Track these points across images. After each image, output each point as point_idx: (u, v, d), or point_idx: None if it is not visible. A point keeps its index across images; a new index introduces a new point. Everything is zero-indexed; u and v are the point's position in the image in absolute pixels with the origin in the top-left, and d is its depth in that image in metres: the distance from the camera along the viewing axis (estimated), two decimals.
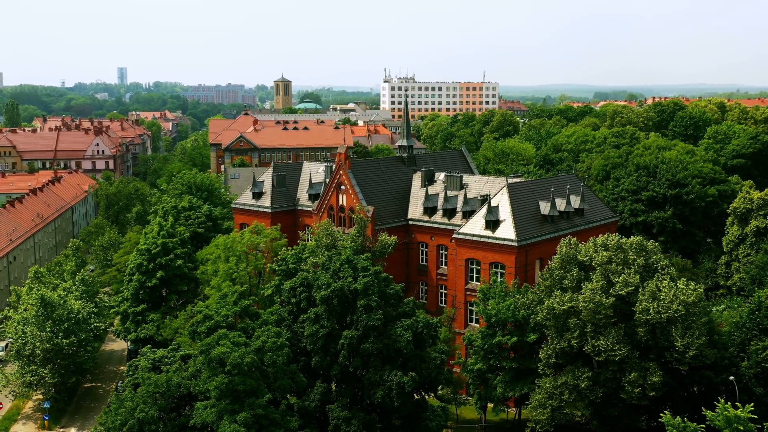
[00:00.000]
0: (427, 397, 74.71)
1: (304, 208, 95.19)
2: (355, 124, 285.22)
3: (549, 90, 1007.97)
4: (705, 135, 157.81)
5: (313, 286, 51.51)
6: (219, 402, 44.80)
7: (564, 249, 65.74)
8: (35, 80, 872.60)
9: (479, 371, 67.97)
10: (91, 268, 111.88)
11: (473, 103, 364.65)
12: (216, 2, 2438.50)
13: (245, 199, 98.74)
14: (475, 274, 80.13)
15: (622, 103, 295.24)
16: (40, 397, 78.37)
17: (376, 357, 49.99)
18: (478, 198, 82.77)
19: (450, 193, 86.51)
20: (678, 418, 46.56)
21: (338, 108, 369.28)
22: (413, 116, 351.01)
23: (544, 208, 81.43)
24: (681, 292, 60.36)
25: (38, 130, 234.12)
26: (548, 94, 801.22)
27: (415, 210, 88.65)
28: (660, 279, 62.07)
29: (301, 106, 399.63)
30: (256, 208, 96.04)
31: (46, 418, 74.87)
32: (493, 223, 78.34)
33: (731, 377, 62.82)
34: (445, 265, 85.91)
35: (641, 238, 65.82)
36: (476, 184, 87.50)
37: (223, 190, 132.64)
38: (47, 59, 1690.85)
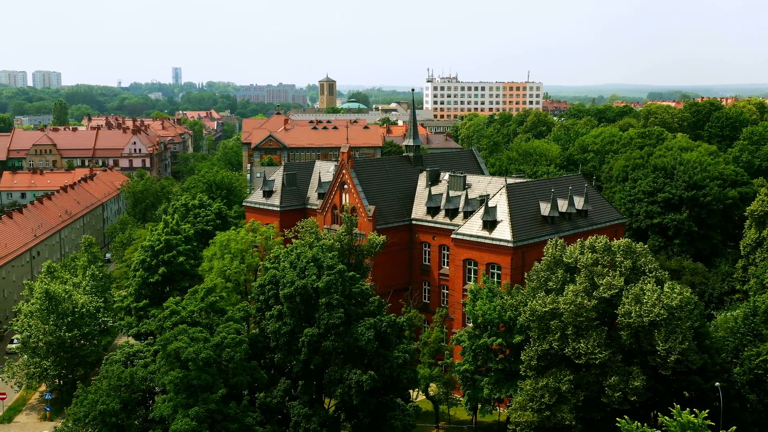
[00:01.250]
0: (420, 396, 75.17)
1: (313, 207, 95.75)
2: (395, 123, 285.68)
3: (603, 90, 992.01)
4: (740, 136, 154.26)
5: (280, 283, 52.09)
6: (176, 396, 45.64)
7: (550, 250, 65.15)
8: (94, 80, 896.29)
9: (467, 372, 67.93)
10: (111, 264, 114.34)
11: (516, 103, 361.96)
12: (272, 4, 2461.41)
13: (256, 197, 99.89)
14: (472, 275, 79.78)
15: (668, 103, 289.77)
16: (43, 388, 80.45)
17: (337, 355, 50.31)
18: (478, 198, 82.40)
19: (452, 193, 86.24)
20: (636, 423, 45.92)
21: (380, 108, 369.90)
22: (454, 116, 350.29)
23: (545, 209, 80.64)
24: (665, 296, 59.38)
25: (85, 128, 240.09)
26: (601, 94, 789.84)
27: (419, 210, 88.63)
28: (645, 282, 61.10)
29: (345, 105, 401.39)
30: (265, 207, 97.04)
31: (48, 409, 76.93)
32: (490, 224, 77.93)
33: (717, 383, 61.52)
34: (447, 265, 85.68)
35: (629, 240, 64.91)
36: (479, 185, 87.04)
37: (248, 188, 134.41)
38: (106, 60, 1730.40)
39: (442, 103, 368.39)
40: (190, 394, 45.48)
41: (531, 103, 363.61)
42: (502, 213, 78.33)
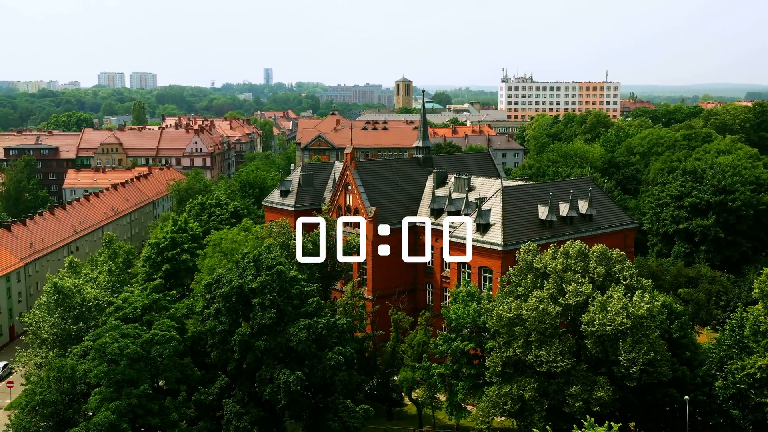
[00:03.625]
0: (409, 398, 74.91)
1: None
2: (462, 124, 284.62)
3: (699, 90, 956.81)
4: None
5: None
6: (105, 390, 47.08)
7: (522, 255, 63.93)
8: (188, 81, 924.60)
9: (441, 376, 67.48)
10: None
11: (593, 104, 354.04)
12: (366, 5, 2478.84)
13: (273, 197, 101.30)
14: (467, 278, 78.96)
15: (745, 103, 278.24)
16: None
17: (269, 355, 50.81)
18: (474, 201, 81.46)
19: (455, 195, 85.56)
20: None
21: (452, 108, 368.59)
22: (529, 117, 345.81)
23: (543, 212, 79.05)
24: (632, 305, 57.48)
25: (161, 128, 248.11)
26: (696, 94, 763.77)
27: (424, 212, 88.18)
28: (614, 290, 59.26)
29: (419, 106, 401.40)
30: (281, 207, 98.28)
31: None
32: (483, 227, 77.03)
33: (686, 397, 59.14)
34: (449, 267, 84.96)
35: (604, 246, 63.00)
36: (483, 187, 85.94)
37: None
38: (201, 62, 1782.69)
39: (516, 103, 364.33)
40: (116, 389, 46.88)
41: (608, 103, 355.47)
42: (496, 216, 77.30)
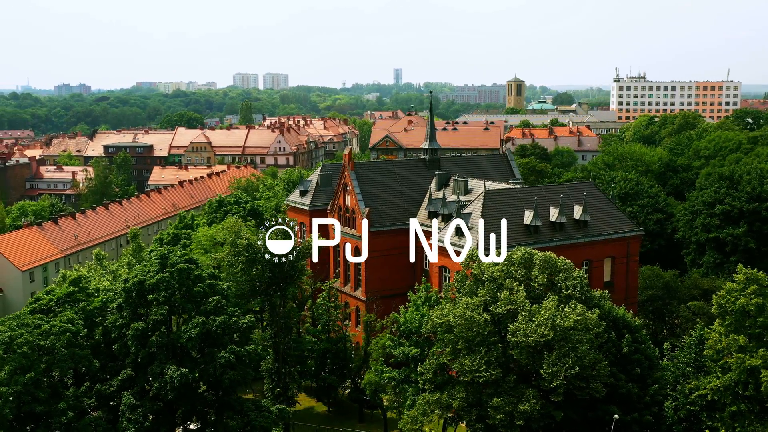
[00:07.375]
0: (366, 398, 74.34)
1: None
2: (562, 125, 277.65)
3: None
4: None
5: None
6: (2, 376, 49.53)
7: (465, 260, 62.25)
8: (320, 82, 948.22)
9: (393, 380, 66.72)
10: None
11: (710, 104, 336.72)
12: (500, 6, 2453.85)
13: (294, 196, 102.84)
14: (447, 282, 77.55)
15: None
16: None
17: (161, 351, 51.89)
18: (458, 204, 79.75)
19: (450, 198, 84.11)
20: None
21: (558, 108, 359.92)
22: (636, 117, 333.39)
23: (527, 217, 76.51)
24: (560, 316, 54.79)
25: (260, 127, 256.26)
26: None
27: (422, 214, 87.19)
28: (549, 299, 56.67)
29: (530, 107, 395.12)
30: (299, 206, 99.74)
31: None
32: (461, 230, 75.32)
33: (615, 416, 55.70)
34: (434, 271, 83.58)
35: (551, 253, 60.28)
36: (480, 189, 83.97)
37: None
38: (334, 63, 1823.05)
39: (627, 103, 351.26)
40: (11, 376, 49.28)
41: (727, 103, 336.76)
42: (475, 220, 75.47)
